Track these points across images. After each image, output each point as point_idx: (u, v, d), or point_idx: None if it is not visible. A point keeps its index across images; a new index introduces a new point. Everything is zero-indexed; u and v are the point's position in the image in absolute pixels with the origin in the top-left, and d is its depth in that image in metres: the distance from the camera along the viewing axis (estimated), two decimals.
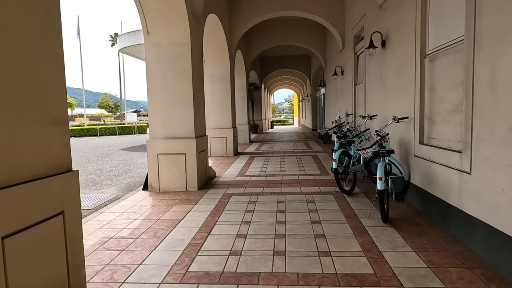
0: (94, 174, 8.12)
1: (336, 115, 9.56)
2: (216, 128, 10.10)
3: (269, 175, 6.95)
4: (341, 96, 10.34)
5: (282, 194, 5.32)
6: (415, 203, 4.49)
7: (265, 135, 19.76)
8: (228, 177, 6.85)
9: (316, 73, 20.47)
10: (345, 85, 9.62)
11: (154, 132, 5.89)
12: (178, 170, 5.81)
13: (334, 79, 10.40)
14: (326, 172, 7.04)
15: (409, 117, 4.63)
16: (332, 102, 12.62)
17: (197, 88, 6.06)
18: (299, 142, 14.38)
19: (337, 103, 11.29)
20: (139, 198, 5.43)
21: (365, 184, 5.77)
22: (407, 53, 4.72)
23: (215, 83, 9.98)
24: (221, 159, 9.46)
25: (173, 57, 5.73)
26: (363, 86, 7.48)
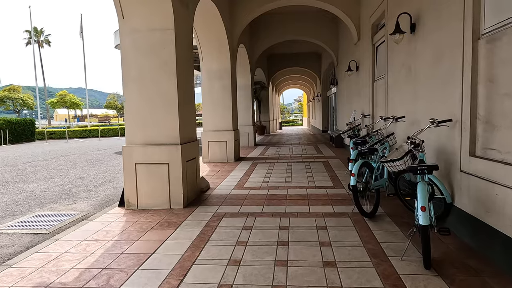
0: (74, 183, 7.16)
1: (351, 117, 8.44)
2: (215, 130, 9.06)
3: (272, 187, 5.86)
4: (356, 95, 9.19)
5: (286, 216, 4.23)
6: (464, 236, 3.35)
7: (272, 137, 18.68)
8: (223, 190, 5.80)
9: (326, 71, 19.30)
10: (361, 82, 8.48)
11: (131, 137, 4.88)
12: (160, 183, 4.79)
13: (348, 75, 9.26)
14: (340, 184, 5.92)
15: (453, 120, 3.49)
16: (345, 101, 11.47)
17: (184, 84, 5.02)
18: (308, 145, 13.25)
19: (351, 103, 10.14)
20: (110, 218, 4.42)
21: (389, 202, 4.65)
22: (450, 35, 3.58)
23: (214, 80, 8.94)
24: (219, 165, 8.42)
25: (153, 46, 4.70)
26: (384, 82, 6.34)
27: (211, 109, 9.03)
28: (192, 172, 5.24)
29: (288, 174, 6.98)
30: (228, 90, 8.95)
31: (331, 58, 15.28)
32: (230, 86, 8.94)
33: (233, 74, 9.23)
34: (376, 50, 7.29)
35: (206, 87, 8.99)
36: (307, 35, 12.52)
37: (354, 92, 9.54)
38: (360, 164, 4.01)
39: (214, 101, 9.01)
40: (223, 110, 9.01)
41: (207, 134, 9.04)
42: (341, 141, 11.67)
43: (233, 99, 9.19)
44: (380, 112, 6.78)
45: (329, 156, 9.51)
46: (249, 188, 5.87)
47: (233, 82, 9.30)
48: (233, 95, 9.26)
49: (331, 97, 18.87)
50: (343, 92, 11.84)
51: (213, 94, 8.99)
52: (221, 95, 8.97)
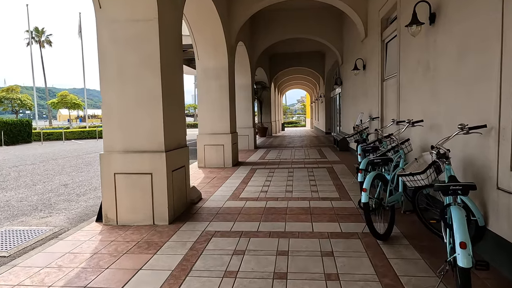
0: (55, 191, 6.59)
1: (357, 119, 7.82)
2: (212, 133, 8.47)
3: (271, 198, 5.26)
4: (362, 95, 8.58)
5: (285, 237, 3.63)
6: (503, 269, 2.73)
7: (273, 139, 18.08)
8: (216, 201, 5.20)
9: (330, 71, 18.68)
10: (369, 82, 7.87)
11: (110, 143, 4.29)
12: (142, 196, 4.20)
13: (354, 74, 8.65)
14: (347, 195, 5.31)
15: (487, 126, 2.88)
16: (350, 102, 10.84)
17: (171, 82, 4.44)
18: (311, 148, 12.64)
19: (357, 104, 9.52)
20: (83, 237, 3.84)
21: (405, 219, 4.03)
22: (482, 23, 2.97)
23: (210, 79, 8.35)
24: (215, 171, 7.82)
25: (134, 39, 4.12)
26: (395, 81, 5.73)
27: (208, 111, 8.45)
28: (180, 182, 4.65)
29: (289, 182, 6.37)
30: (225, 90, 8.36)
31: (335, 57, 14.66)
32: (228, 85, 8.35)
33: (231, 73, 8.64)
34: (385, 47, 6.68)
35: (203, 87, 8.41)
36: (310, 33, 11.91)
37: (360, 93, 8.92)
38: (372, 177, 3.40)
39: (211, 102, 8.42)
40: (220, 112, 8.42)
41: (203, 138, 8.46)
42: (346, 144, 11.05)
43: (231, 99, 8.60)
44: (391, 114, 6.17)
45: (334, 161, 8.89)
46: (245, 199, 5.27)
47: (231, 82, 8.71)
48: (231, 95, 8.67)
49: (335, 97, 18.25)
50: (349, 93, 11.23)
51: (209, 95, 8.41)
52: (218, 96, 8.38)
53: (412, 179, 2.97)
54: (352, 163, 8.42)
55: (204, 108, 8.45)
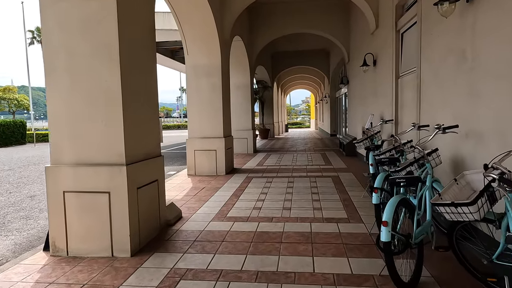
0: (18, 205, 5.74)
1: (367, 122, 6.89)
2: (202, 137, 7.58)
3: (264, 218, 4.36)
4: (372, 95, 7.64)
5: (277, 282, 2.72)
6: None
7: (275, 142, 17.15)
8: (198, 222, 4.31)
9: (336, 70, 17.73)
10: (380, 79, 6.93)
11: (57, 154, 3.42)
12: (98, 220, 3.32)
13: (363, 71, 7.72)
14: (356, 215, 4.39)
15: None
16: (358, 102, 9.90)
17: (135, 77, 3.55)
18: (315, 152, 11.70)
19: (366, 104, 8.58)
20: (17, 275, 2.96)
21: (436, 255, 3.09)
22: None
23: (201, 77, 7.47)
24: (206, 180, 6.93)
25: (86, 22, 3.24)
26: (415, 77, 4.80)
27: (198, 112, 7.56)
28: (150, 201, 3.76)
29: (288, 196, 5.45)
30: (218, 90, 7.47)
31: (341, 54, 13.72)
32: (221, 84, 7.46)
33: (224, 71, 7.75)
34: (401, 38, 5.74)
35: (192, 86, 7.52)
36: (313, 27, 10.99)
37: (370, 92, 7.98)
38: (395, 205, 2.48)
39: (201, 102, 7.54)
40: (212, 113, 7.53)
41: (193, 142, 7.57)
42: (353, 149, 10.10)
43: (224, 100, 7.70)
44: (408, 117, 5.24)
45: (340, 169, 7.95)
46: (234, 219, 4.37)
47: (225, 80, 7.81)
48: (225, 95, 7.77)
49: (341, 98, 17.30)
50: (356, 92, 10.28)
51: (200, 94, 7.52)
52: (210, 96, 7.49)
53: (455, 210, 2.08)
54: (361, 171, 7.49)
55: (194, 110, 7.56)
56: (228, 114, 8.10)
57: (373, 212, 4.34)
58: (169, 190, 6.09)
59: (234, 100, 11.63)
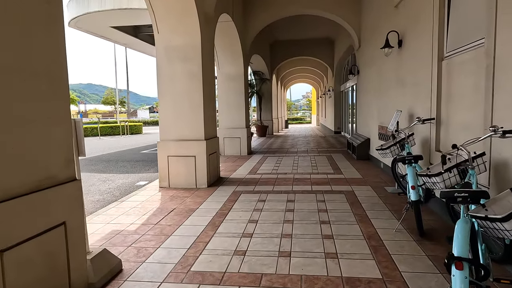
0: None
1: (392, 120, 5.24)
2: (178, 140, 5.94)
3: (248, 278, 2.73)
4: (397, 85, 5.97)
5: None
6: None
7: (274, 140, 15.50)
8: (143, 283, 2.68)
9: (341, 61, 16.04)
10: (409, 64, 5.27)
11: None
12: None
13: (385, 54, 6.03)
14: (391, 263, 2.77)
15: None
16: (372, 96, 8.23)
17: None
18: (319, 154, 10.05)
19: (385, 98, 6.91)
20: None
21: None
22: None
23: (175, 62, 5.81)
24: (180, 197, 5.30)
25: None
26: (480, 55, 3.14)
27: (172, 108, 5.91)
28: (48, 256, 2.13)
29: (286, 228, 3.82)
30: (197, 79, 5.81)
31: (348, 41, 12.02)
32: (201, 72, 5.79)
33: (207, 55, 6.08)
34: (448, 2, 4.06)
35: (164, 74, 5.87)
36: (317, 7, 9.28)
37: (391, 81, 6.32)
38: None
39: (177, 95, 5.88)
40: (190, 110, 5.88)
41: (165, 146, 5.93)
42: (365, 151, 8.46)
43: (206, 92, 6.05)
44: (462, 114, 3.59)
45: (353, 180, 6.31)
46: (200, 277, 2.74)
47: (208, 67, 6.15)
48: (207, 86, 6.12)
49: (347, 91, 15.62)
50: (370, 83, 8.61)
51: (174, 85, 5.86)
52: (187, 86, 5.83)
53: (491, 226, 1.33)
54: (381, 182, 5.86)
55: (167, 105, 5.91)
56: (212, 110, 6.45)
57: (421, 263, 2.73)
58: (125, 214, 4.47)
59: (224, 93, 9.97)
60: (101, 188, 6.35)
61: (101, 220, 4.24)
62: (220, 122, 10.11)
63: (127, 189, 6.20)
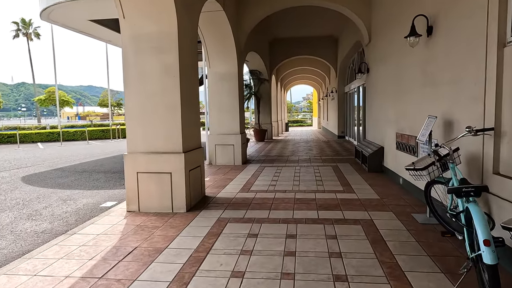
0: None
1: (423, 130, 4.02)
2: (150, 152, 4.74)
3: None
4: (425, 83, 4.76)
5: None
6: None
7: (273, 146, 14.30)
8: None
9: (345, 60, 14.87)
10: (446, 55, 4.06)
11: None
12: None
13: (410, 45, 4.80)
14: None
15: None
16: (387, 97, 7.03)
17: None
18: (323, 164, 8.85)
19: (405, 100, 5.71)
20: None
21: None
22: None
23: (146, 53, 4.63)
24: (148, 228, 4.08)
25: None
26: None
27: (141, 112, 4.72)
28: None
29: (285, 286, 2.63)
30: (173, 75, 4.62)
31: (355, 37, 10.85)
32: (179, 66, 4.60)
33: (186, 46, 4.90)
34: None
35: (133, 68, 4.68)
36: None
37: (416, 79, 5.13)
38: None
39: (148, 96, 4.69)
40: (164, 114, 4.69)
41: (135, 160, 4.74)
42: (378, 162, 7.26)
43: (185, 92, 4.86)
44: None
45: (369, 202, 5.11)
46: None
47: (187, 61, 4.97)
48: (186, 84, 4.93)
49: (352, 93, 14.44)
50: (384, 82, 7.42)
51: (145, 82, 4.68)
52: (160, 85, 4.65)
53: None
54: (406, 207, 4.65)
55: (136, 108, 4.73)
56: (194, 115, 5.25)
57: None
58: (66, 257, 3.26)
59: (215, 95, 8.80)
60: (55, 211, 5.14)
61: (29, 270, 3.05)
62: (211, 128, 8.92)
63: (87, 213, 4.98)
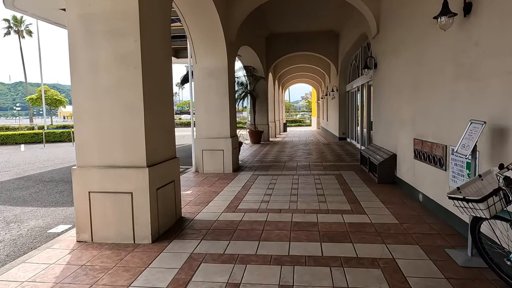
0: None
1: (464, 140, 2.98)
2: (105, 167, 3.68)
3: None
4: (461, 78, 3.70)
5: None
6: None
7: (269, 148, 13.25)
8: None
9: (347, 57, 13.83)
10: (498, 36, 3.02)
11: None
12: None
13: (440, 25, 3.75)
14: None
15: None
16: (401, 95, 5.98)
17: None
18: (325, 173, 7.81)
19: (426, 98, 4.67)
20: None
21: None
22: None
23: (97, 39, 3.57)
24: (99, 267, 3.03)
25: None
26: None
27: (93, 112, 3.66)
28: None
29: None
30: (133, 66, 3.55)
31: (359, 30, 9.81)
32: (140, 55, 3.54)
33: (151, 28, 3.85)
34: None
35: (81, 57, 3.62)
36: None
37: (444, 72, 4.09)
38: None
39: (100, 91, 3.64)
40: (123, 116, 3.63)
41: (86, 176, 3.68)
42: (390, 172, 6.22)
43: (150, 87, 3.81)
44: None
45: (386, 228, 4.08)
46: None
47: (154, 48, 3.91)
48: (152, 77, 3.88)
49: (354, 92, 13.42)
50: (396, 78, 6.38)
51: (97, 75, 3.62)
52: (116, 78, 3.59)
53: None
54: (435, 237, 3.61)
55: (85, 109, 3.67)
56: (165, 117, 4.19)
57: None
58: None
59: (202, 93, 7.76)
60: None
61: None
62: (198, 131, 7.87)
63: (27, 243, 3.91)
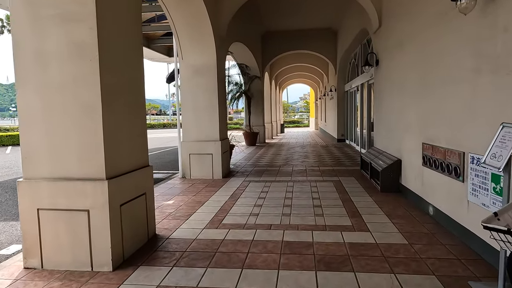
0: None
1: (493, 148, 2.38)
2: (56, 179, 3.07)
3: None
4: (483, 72, 3.10)
5: None
6: None
7: (265, 151, 12.65)
8: None
9: (346, 55, 13.27)
10: None
11: None
12: None
13: (460, 8, 3.16)
14: None
15: None
16: (407, 95, 5.39)
17: None
18: (323, 179, 7.22)
19: (437, 98, 4.07)
20: None
21: None
22: None
23: (46, 24, 2.96)
24: None
25: None
26: None
27: (42, 112, 3.06)
28: None
29: None
30: (89, 56, 2.94)
31: (358, 25, 9.24)
32: (97, 43, 2.93)
33: (112, 7, 3.25)
34: None
35: (27, 46, 3.01)
36: None
37: (462, 66, 3.51)
38: None
39: (50, 87, 3.03)
40: (77, 117, 3.02)
41: (34, 189, 3.07)
42: (394, 180, 5.63)
43: (112, 82, 3.22)
44: None
45: (393, 251, 3.50)
46: None
47: (116, 34, 3.32)
48: (114, 70, 3.28)
49: (353, 92, 12.85)
50: (402, 76, 5.80)
51: (46, 68, 3.01)
52: (69, 72, 2.98)
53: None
54: (454, 264, 3.01)
55: (33, 109, 3.07)
56: (133, 118, 3.58)
57: None
58: None
59: (189, 92, 7.16)
60: None
61: None
62: (185, 133, 7.27)
63: None
